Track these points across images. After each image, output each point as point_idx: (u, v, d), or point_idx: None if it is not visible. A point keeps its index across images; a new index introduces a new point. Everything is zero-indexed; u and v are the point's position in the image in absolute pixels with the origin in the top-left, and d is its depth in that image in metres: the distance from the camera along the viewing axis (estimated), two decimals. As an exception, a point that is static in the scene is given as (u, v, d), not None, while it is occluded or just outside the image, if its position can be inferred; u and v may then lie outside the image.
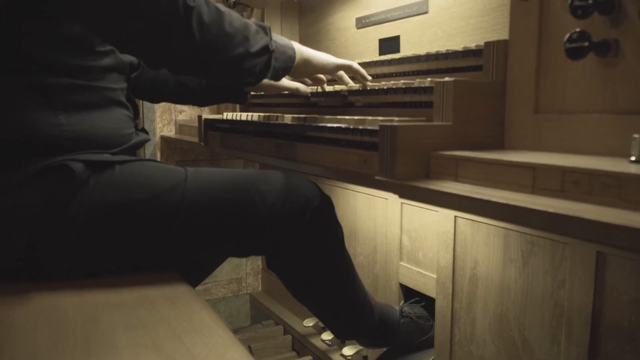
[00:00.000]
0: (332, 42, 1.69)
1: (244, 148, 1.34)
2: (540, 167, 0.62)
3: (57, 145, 0.94)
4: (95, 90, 1.00)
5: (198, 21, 0.87)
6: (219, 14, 0.90)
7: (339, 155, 0.95)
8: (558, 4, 0.78)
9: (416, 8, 1.32)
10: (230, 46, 0.92)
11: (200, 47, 0.89)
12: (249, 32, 0.95)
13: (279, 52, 1.02)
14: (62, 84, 0.95)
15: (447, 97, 0.83)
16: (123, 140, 1.04)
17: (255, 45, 0.95)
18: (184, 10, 0.85)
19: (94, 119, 1.00)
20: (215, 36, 0.89)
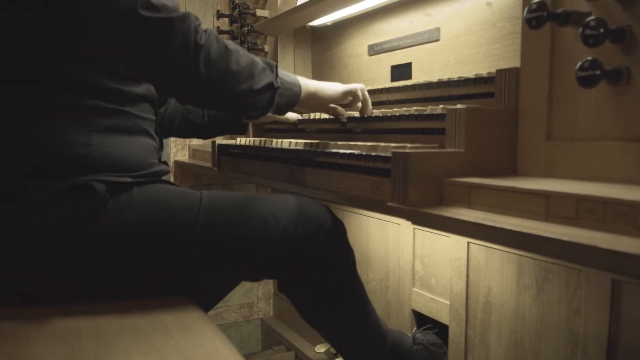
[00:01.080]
0: (344, 69, 1.71)
1: (256, 173, 1.35)
2: (554, 195, 0.62)
3: (85, 164, 0.97)
4: (127, 116, 1.04)
5: (205, 59, 0.92)
6: (226, 52, 0.95)
7: (351, 181, 0.96)
8: (569, 33, 0.79)
9: (428, 36, 1.34)
10: (235, 82, 0.97)
11: (205, 83, 0.94)
12: (254, 70, 0.99)
13: (284, 89, 1.07)
14: (97, 106, 0.99)
15: (460, 124, 0.84)
16: (145, 167, 1.07)
17: (259, 82, 1.00)
18: (194, 49, 0.90)
19: (123, 143, 1.03)
20: (221, 73, 0.94)
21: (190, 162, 2.13)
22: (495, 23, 1.15)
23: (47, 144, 0.95)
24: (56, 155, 0.95)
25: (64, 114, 0.96)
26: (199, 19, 0.95)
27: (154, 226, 0.99)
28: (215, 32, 0.96)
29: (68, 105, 0.97)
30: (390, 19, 1.48)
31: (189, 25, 0.91)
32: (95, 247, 0.95)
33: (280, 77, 1.06)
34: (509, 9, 1.12)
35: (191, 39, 0.90)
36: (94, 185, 0.95)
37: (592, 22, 0.70)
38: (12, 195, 0.93)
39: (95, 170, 0.97)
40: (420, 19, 1.37)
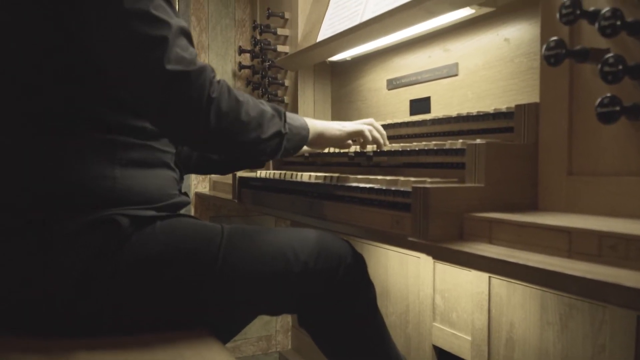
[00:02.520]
0: (363, 103, 1.73)
1: (276, 206, 1.37)
2: (576, 232, 0.62)
3: (108, 197, 0.99)
4: (149, 150, 1.06)
5: (216, 111, 0.95)
6: (237, 104, 0.98)
7: (371, 215, 0.96)
8: (587, 69, 0.79)
9: (446, 71, 1.35)
10: (243, 132, 1.00)
11: (215, 133, 0.97)
12: (263, 119, 1.02)
13: (292, 134, 1.09)
14: (121, 140, 1.01)
15: (480, 159, 0.84)
16: (167, 199, 1.09)
17: (267, 131, 1.03)
18: (206, 102, 0.94)
19: (145, 176, 1.05)
20: (231, 124, 0.97)
21: (210, 194, 2.15)
22: (513, 59, 1.17)
23: (71, 178, 0.97)
24: (80, 188, 0.97)
25: (89, 148, 0.99)
26: (214, 71, 0.98)
27: (176, 259, 1.00)
28: (227, 83, 0.99)
29: (93, 139, 0.99)
30: (409, 54, 1.51)
31: (204, 79, 0.94)
32: (118, 280, 0.96)
33: (289, 123, 1.08)
34: (526, 45, 1.13)
35: (205, 93, 0.93)
36: (118, 219, 0.97)
37: (611, 59, 0.70)
38: (36, 228, 0.95)
39: (118, 203, 0.99)
40: (438, 54, 1.39)
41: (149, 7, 0.92)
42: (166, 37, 0.92)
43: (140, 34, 0.91)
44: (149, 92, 0.94)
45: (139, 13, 0.91)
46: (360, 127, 1.22)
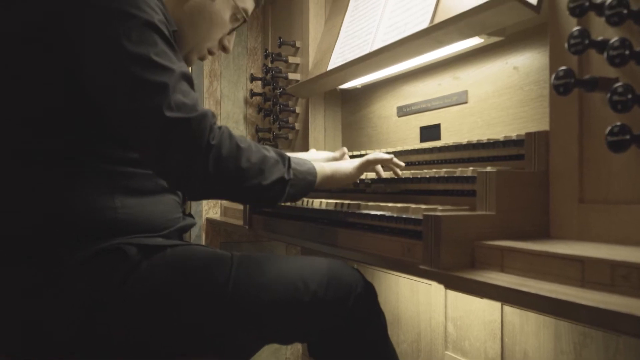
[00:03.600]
0: (373, 130, 1.75)
1: (286, 232, 1.37)
2: (589, 260, 0.62)
3: (112, 227, 1.00)
4: (148, 177, 1.07)
5: (215, 158, 0.93)
6: (237, 151, 0.96)
7: (382, 243, 0.96)
8: (597, 98, 0.80)
9: (456, 98, 1.37)
10: (243, 180, 0.98)
11: (213, 180, 0.95)
12: (265, 166, 1.00)
13: (297, 179, 1.06)
14: (121, 171, 1.02)
15: (490, 186, 0.84)
16: (171, 224, 1.09)
17: (269, 177, 1.00)
18: (205, 148, 0.92)
19: (147, 204, 1.05)
20: (230, 171, 0.96)
21: (221, 220, 2.16)
22: (522, 86, 1.18)
23: (73, 209, 0.97)
24: (82, 219, 0.98)
25: (88, 179, 0.99)
26: (215, 116, 0.98)
27: (186, 288, 1.00)
28: (229, 129, 0.99)
29: (91, 170, 1.00)
30: (419, 82, 1.52)
31: (204, 126, 0.93)
32: (127, 308, 0.96)
33: (294, 168, 1.06)
34: (535, 73, 1.14)
35: (205, 139, 0.92)
36: (124, 248, 0.97)
37: (620, 88, 0.71)
38: (42, 258, 0.95)
39: (122, 232, 1.00)
40: (448, 82, 1.41)
41: (150, 52, 0.92)
42: (167, 84, 0.91)
43: (141, 79, 0.91)
44: (147, 137, 0.93)
45: (141, 58, 0.91)
46: (366, 159, 1.21)
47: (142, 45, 0.92)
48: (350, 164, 1.21)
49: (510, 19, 1.07)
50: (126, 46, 0.91)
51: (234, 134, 0.98)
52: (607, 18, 0.73)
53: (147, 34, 0.93)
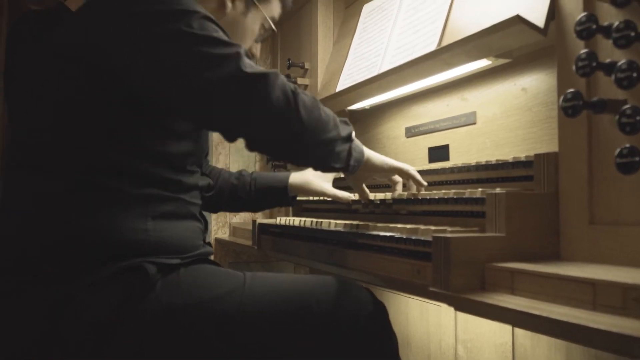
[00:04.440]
0: (382, 150, 1.75)
1: (295, 253, 1.37)
2: (600, 283, 0.62)
3: (140, 248, 1.01)
4: (180, 202, 1.09)
5: (303, 106, 0.97)
6: (315, 101, 1.01)
7: (392, 264, 0.96)
8: (605, 120, 0.80)
9: (464, 119, 1.37)
10: (326, 129, 1.01)
11: (304, 130, 0.98)
12: (336, 120, 1.05)
13: (356, 144, 1.11)
14: (155, 194, 1.04)
15: (500, 208, 0.84)
16: (193, 249, 1.11)
17: (343, 131, 1.05)
18: (293, 97, 0.96)
19: (176, 228, 1.07)
20: (317, 119, 0.99)
21: (230, 240, 2.16)
22: (531, 108, 1.18)
23: (106, 230, 0.99)
24: (114, 240, 0.99)
25: (124, 201, 1.01)
26: None
27: (199, 307, 1.00)
28: None
29: (128, 193, 1.02)
30: (427, 102, 1.53)
31: (282, 78, 0.97)
32: (143, 327, 0.97)
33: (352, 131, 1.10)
34: (544, 95, 1.15)
35: (289, 88, 0.96)
36: (146, 267, 0.98)
37: (628, 110, 0.71)
38: (66, 277, 0.96)
39: (148, 253, 1.01)
40: (456, 103, 1.41)
41: (212, 33, 0.96)
42: (238, 52, 0.95)
43: (212, 54, 0.94)
44: (230, 102, 0.95)
45: (206, 38, 0.95)
46: (404, 165, 1.23)
47: (204, 29, 0.96)
48: (387, 159, 1.23)
49: (517, 41, 1.08)
50: (190, 32, 0.94)
51: None
52: (615, 41, 0.74)
53: (207, 23, 0.97)
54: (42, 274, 0.97)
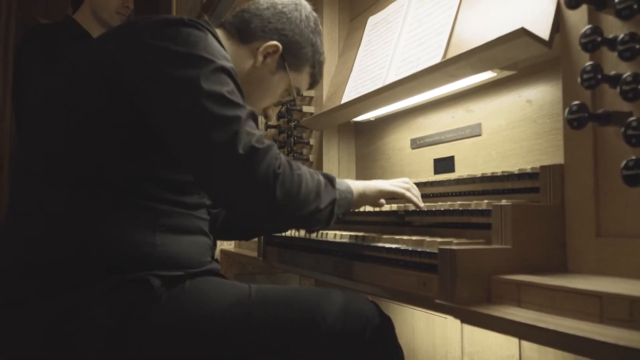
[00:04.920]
0: (387, 161, 1.75)
1: (300, 264, 1.37)
2: (607, 296, 0.61)
3: (146, 261, 1.01)
4: (189, 217, 1.09)
5: (281, 186, 0.96)
6: (298, 178, 1.00)
7: (398, 276, 0.96)
8: (611, 132, 0.80)
9: (469, 131, 1.37)
10: (305, 205, 1.01)
11: (279, 208, 0.97)
12: (320, 189, 1.04)
13: (341, 199, 1.10)
14: (163, 209, 1.05)
15: (506, 220, 0.84)
16: (200, 266, 1.11)
17: (324, 200, 1.05)
18: (273, 178, 0.95)
19: (184, 242, 1.08)
20: (294, 198, 0.99)
21: (235, 251, 2.16)
22: (536, 119, 1.18)
23: (112, 242, 0.99)
24: (120, 252, 1.00)
25: (132, 215, 1.02)
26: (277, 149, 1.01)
27: (204, 320, 1.00)
28: (286, 157, 1.01)
29: (136, 206, 1.02)
30: (432, 114, 1.53)
31: (271, 157, 0.96)
32: (147, 340, 0.97)
33: (337, 188, 1.09)
34: (549, 106, 1.15)
35: (272, 169, 0.95)
36: (150, 280, 0.99)
37: (634, 123, 0.71)
38: (69, 288, 0.96)
39: (154, 267, 1.01)
40: (461, 114, 1.42)
41: (223, 90, 0.97)
42: (239, 117, 0.96)
43: (214, 113, 0.95)
44: (217, 169, 0.95)
45: (215, 95, 0.96)
46: (399, 190, 1.22)
47: (217, 83, 0.97)
48: (380, 184, 1.22)
49: (522, 54, 1.09)
50: (201, 83, 0.95)
51: (289, 159, 1.01)
52: (620, 53, 0.74)
53: (222, 76, 0.99)
54: (48, 284, 0.97)
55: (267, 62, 1.24)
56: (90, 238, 0.99)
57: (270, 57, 1.23)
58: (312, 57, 1.31)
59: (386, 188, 1.22)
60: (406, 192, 1.22)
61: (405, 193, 1.22)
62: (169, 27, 1.01)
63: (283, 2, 1.27)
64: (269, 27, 1.24)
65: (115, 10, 2.32)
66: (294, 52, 1.26)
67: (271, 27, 1.24)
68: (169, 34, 1.00)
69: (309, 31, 1.29)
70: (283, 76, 1.27)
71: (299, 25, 1.27)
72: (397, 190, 1.22)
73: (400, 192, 1.22)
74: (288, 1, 1.28)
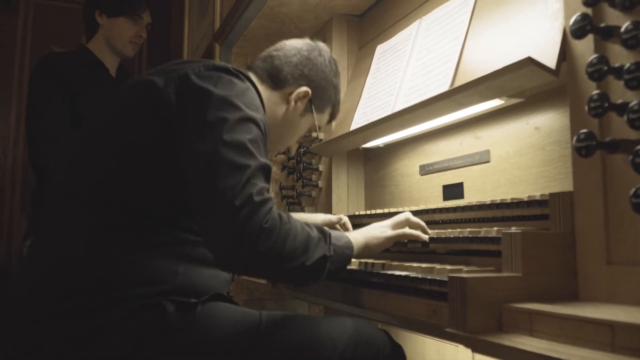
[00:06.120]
0: (396, 188, 1.76)
1: (310, 291, 1.37)
2: (619, 325, 0.61)
3: (167, 289, 1.02)
4: None
5: (265, 241, 0.96)
6: (286, 233, 0.99)
7: (407, 304, 0.96)
8: (620, 160, 0.80)
9: (478, 157, 1.38)
10: (289, 260, 0.99)
11: (261, 261, 0.97)
12: (309, 245, 1.03)
13: (336, 255, 1.08)
14: (189, 239, 1.07)
15: (516, 248, 0.84)
16: None
17: (313, 256, 1.02)
18: (259, 230, 0.95)
19: (205, 275, 1.09)
20: (278, 252, 0.98)
21: (244, 277, 2.16)
22: (544, 146, 1.19)
23: (138, 269, 1.01)
24: (141, 278, 1.01)
25: (158, 243, 1.04)
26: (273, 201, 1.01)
27: (215, 347, 1.00)
28: (278, 210, 1.02)
29: (162, 235, 1.04)
30: (441, 141, 1.54)
31: (264, 211, 0.96)
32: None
33: (333, 244, 1.08)
34: (557, 134, 1.16)
35: (259, 222, 0.95)
36: (164, 304, 0.99)
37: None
38: (86, 313, 0.97)
39: (171, 293, 1.02)
40: (469, 141, 1.43)
41: (245, 139, 1.00)
42: (250, 166, 0.98)
43: (228, 159, 0.97)
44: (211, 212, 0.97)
45: (235, 142, 0.99)
46: (401, 232, 1.22)
47: (240, 131, 1.00)
48: (381, 232, 1.22)
49: (529, 82, 1.10)
50: (226, 130, 0.99)
51: (282, 214, 1.01)
52: (626, 82, 0.75)
53: (248, 125, 1.02)
54: (68, 307, 0.98)
55: (297, 105, 1.31)
56: (114, 264, 1.00)
57: (300, 101, 1.31)
58: (334, 98, 1.40)
59: (389, 235, 1.21)
60: (407, 231, 1.22)
61: (406, 233, 1.22)
62: (216, 71, 1.07)
63: (307, 48, 1.34)
64: (298, 73, 1.30)
65: (129, 39, 2.37)
66: (320, 96, 1.35)
67: (300, 74, 1.30)
68: (214, 78, 1.05)
69: (332, 75, 1.37)
70: (309, 117, 1.35)
71: (325, 70, 1.34)
72: (399, 233, 1.22)
73: (402, 234, 1.22)
74: (311, 46, 1.35)
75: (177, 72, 1.08)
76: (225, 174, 0.96)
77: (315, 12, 2.01)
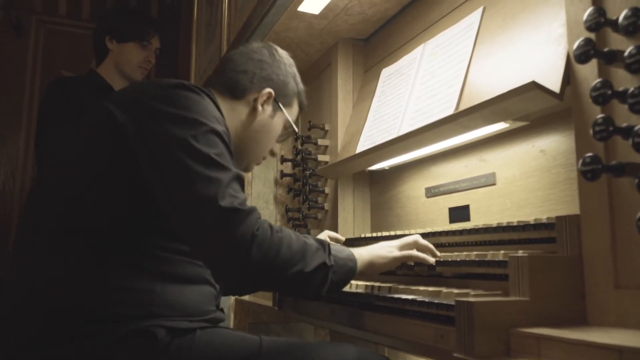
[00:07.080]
0: (402, 210, 1.76)
1: (315, 314, 1.36)
2: (627, 350, 0.61)
3: (146, 311, 1.01)
4: (191, 266, 1.10)
5: (259, 246, 0.96)
6: (279, 241, 0.99)
7: (414, 328, 0.95)
8: (626, 184, 0.80)
9: (484, 180, 1.38)
10: (286, 267, 0.99)
11: (257, 268, 0.97)
12: (306, 252, 1.03)
13: (338, 266, 1.08)
14: (165, 257, 1.06)
15: (523, 271, 0.84)
16: (203, 315, 1.11)
17: (311, 264, 1.02)
18: (250, 238, 0.95)
19: (185, 292, 1.08)
20: (273, 259, 0.98)
21: (250, 300, 2.15)
22: (550, 169, 1.19)
23: (112, 291, 1.00)
24: (119, 300, 1.00)
25: (132, 262, 1.03)
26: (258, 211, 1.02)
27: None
28: (268, 222, 1.02)
29: (136, 254, 1.03)
30: (446, 163, 1.55)
31: (252, 218, 0.97)
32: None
33: (334, 255, 1.08)
34: (562, 156, 1.16)
35: (250, 230, 0.95)
36: (154, 331, 0.98)
37: (648, 174, 0.71)
38: (75, 339, 0.96)
39: (155, 316, 1.01)
40: (475, 164, 1.43)
41: (210, 152, 1.00)
42: (222, 179, 0.98)
43: (200, 173, 0.97)
44: (197, 225, 0.96)
45: (202, 156, 0.99)
46: (407, 254, 1.21)
47: (206, 145, 1.01)
48: (388, 251, 1.21)
49: (534, 106, 1.10)
50: (192, 144, 0.99)
51: (272, 224, 1.02)
52: (630, 106, 0.75)
53: (213, 138, 1.03)
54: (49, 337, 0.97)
55: (265, 108, 1.31)
56: (89, 287, 1.00)
57: (266, 103, 1.32)
58: (297, 88, 1.40)
59: (395, 255, 1.21)
60: (414, 253, 1.21)
61: (412, 255, 1.21)
62: (169, 89, 1.07)
63: (254, 50, 1.35)
64: (256, 77, 1.31)
65: (138, 64, 2.40)
66: (283, 92, 1.35)
67: (257, 77, 1.31)
68: (168, 96, 1.05)
69: (287, 66, 1.38)
70: (280, 115, 1.35)
71: (279, 65, 1.35)
72: (406, 255, 1.21)
73: (408, 256, 1.21)
74: (257, 48, 1.36)
75: (131, 95, 1.08)
76: (200, 185, 0.96)
77: (321, 36, 2.04)
